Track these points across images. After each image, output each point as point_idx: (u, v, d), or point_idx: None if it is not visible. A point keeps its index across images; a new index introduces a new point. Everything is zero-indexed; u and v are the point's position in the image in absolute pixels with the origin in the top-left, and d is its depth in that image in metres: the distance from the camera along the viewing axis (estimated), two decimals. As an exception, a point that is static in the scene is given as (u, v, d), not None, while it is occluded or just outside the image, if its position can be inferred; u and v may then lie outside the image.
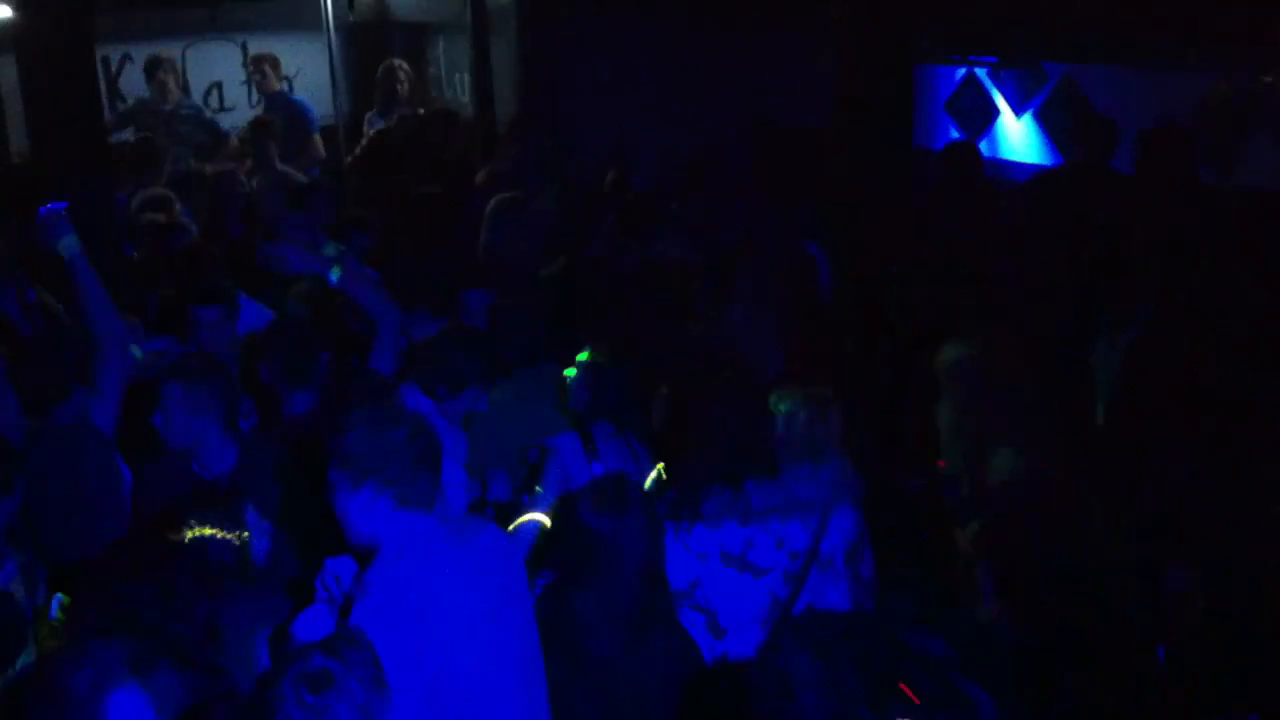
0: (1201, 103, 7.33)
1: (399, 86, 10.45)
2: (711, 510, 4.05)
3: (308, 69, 11.51)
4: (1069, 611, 3.69)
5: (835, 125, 8.57)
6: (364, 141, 10.02)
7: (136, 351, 5.20)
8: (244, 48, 11.50)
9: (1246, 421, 4.61)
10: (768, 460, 4.15)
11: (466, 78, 11.00)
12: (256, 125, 9.60)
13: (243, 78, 11.49)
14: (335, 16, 10.84)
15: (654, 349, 5.56)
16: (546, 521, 4.48)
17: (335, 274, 5.22)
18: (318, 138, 10.52)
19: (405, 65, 10.67)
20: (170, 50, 10.92)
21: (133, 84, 11.01)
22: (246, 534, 3.61)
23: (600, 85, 9.91)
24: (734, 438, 4.14)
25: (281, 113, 10.26)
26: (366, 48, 11.67)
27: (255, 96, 11.40)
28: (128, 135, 10.08)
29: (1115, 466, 4.54)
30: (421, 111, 10.55)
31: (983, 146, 8.20)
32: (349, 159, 10.08)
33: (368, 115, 10.72)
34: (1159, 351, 5.17)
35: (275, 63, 10.81)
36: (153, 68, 10.40)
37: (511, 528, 4.48)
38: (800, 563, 4.06)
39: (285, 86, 11.21)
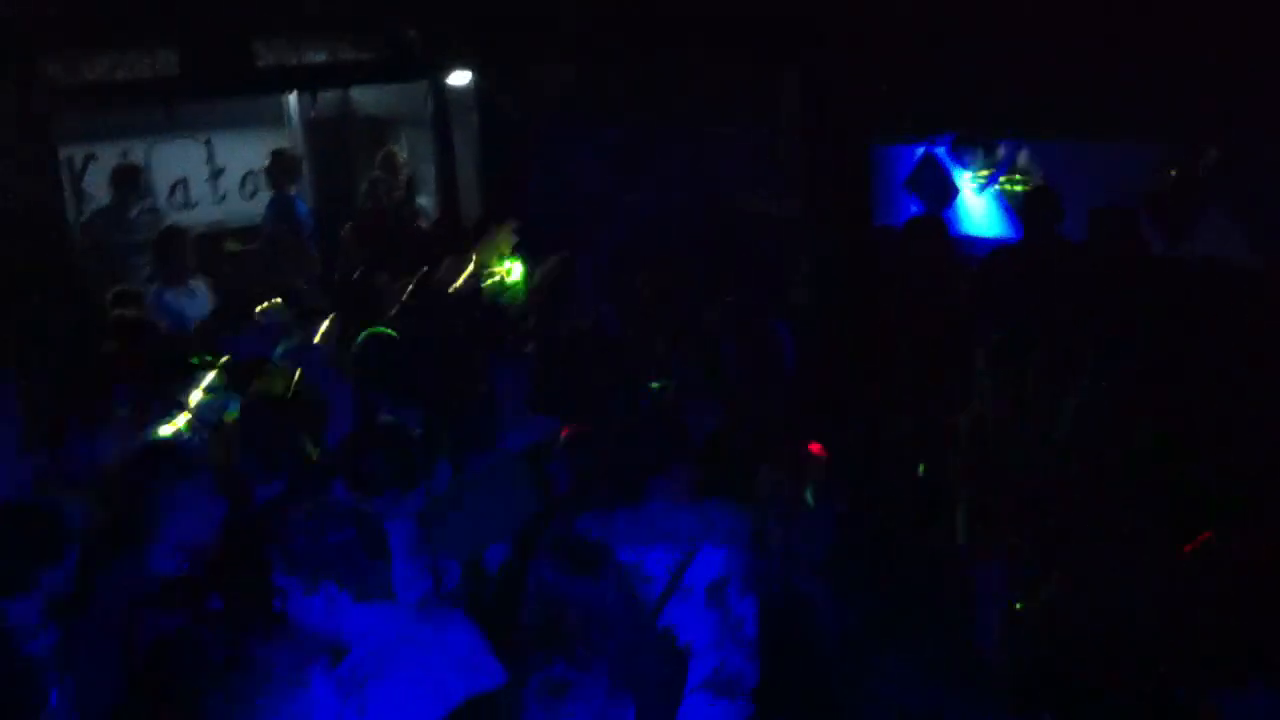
0: (1154, 175, 7.50)
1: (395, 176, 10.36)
2: (582, 529, 4.34)
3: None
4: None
5: (800, 206, 8.74)
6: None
7: None
8: (208, 144, 11.57)
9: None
10: (639, 494, 4.43)
11: (430, 170, 11.08)
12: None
13: (206, 175, 11.54)
14: (298, 113, 10.96)
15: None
16: None
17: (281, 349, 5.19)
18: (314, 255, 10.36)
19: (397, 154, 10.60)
20: (134, 148, 10.97)
21: (98, 182, 11.03)
22: None
23: (562, 178, 10.01)
24: (614, 474, 4.48)
25: (288, 216, 10.12)
26: (328, 142, 11.76)
27: (220, 192, 11.45)
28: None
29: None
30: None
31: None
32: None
33: (364, 192, 10.73)
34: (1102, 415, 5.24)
35: (293, 166, 10.46)
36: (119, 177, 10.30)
37: None
38: (657, 589, 4.26)
39: (219, 184, 11.19)
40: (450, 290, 7.84)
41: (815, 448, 4.79)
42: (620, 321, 7.08)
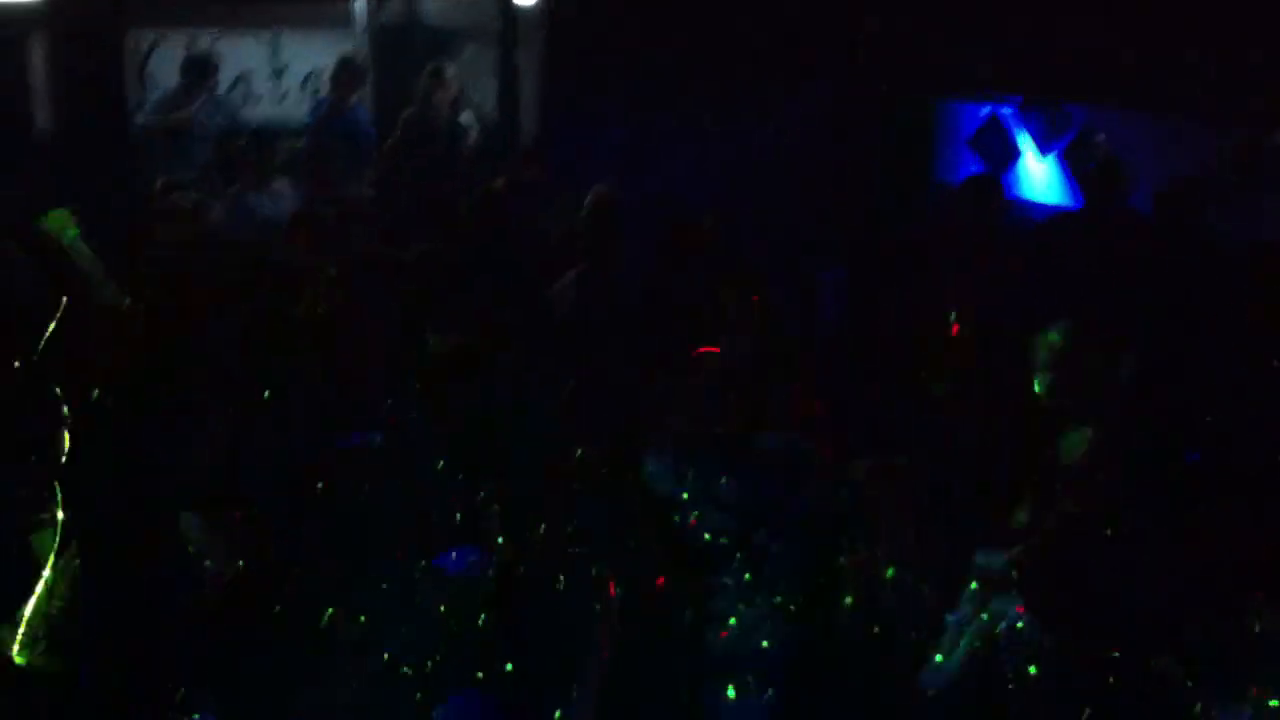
0: (1217, 154, 7.38)
1: (439, 93, 10.20)
2: None
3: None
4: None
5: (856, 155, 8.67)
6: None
7: None
8: (273, 41, 11.54)
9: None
10: None
11: (492, 84, 11.02)
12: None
13: (269, 72, 11.51)
14: (366, 16, 10.89)
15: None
16: None
17: None
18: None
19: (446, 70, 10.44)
20: (200, 38, 10.95)
21: (162, 71, 11.04)
22: None
23: (623, 103, 9.94)
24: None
25: (349, 129, 9.93)
26: (393, 50, 11.69)
27: (282, 90, 11.42)
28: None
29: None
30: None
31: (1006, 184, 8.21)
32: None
33: (405, 116, 10.67)
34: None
35: (358, 75, 10.22)
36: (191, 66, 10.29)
37: None
38: None
39: (282, 82, 11.18)
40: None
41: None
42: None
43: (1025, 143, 8.58)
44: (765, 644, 4.23)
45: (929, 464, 4.73)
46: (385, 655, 3.63)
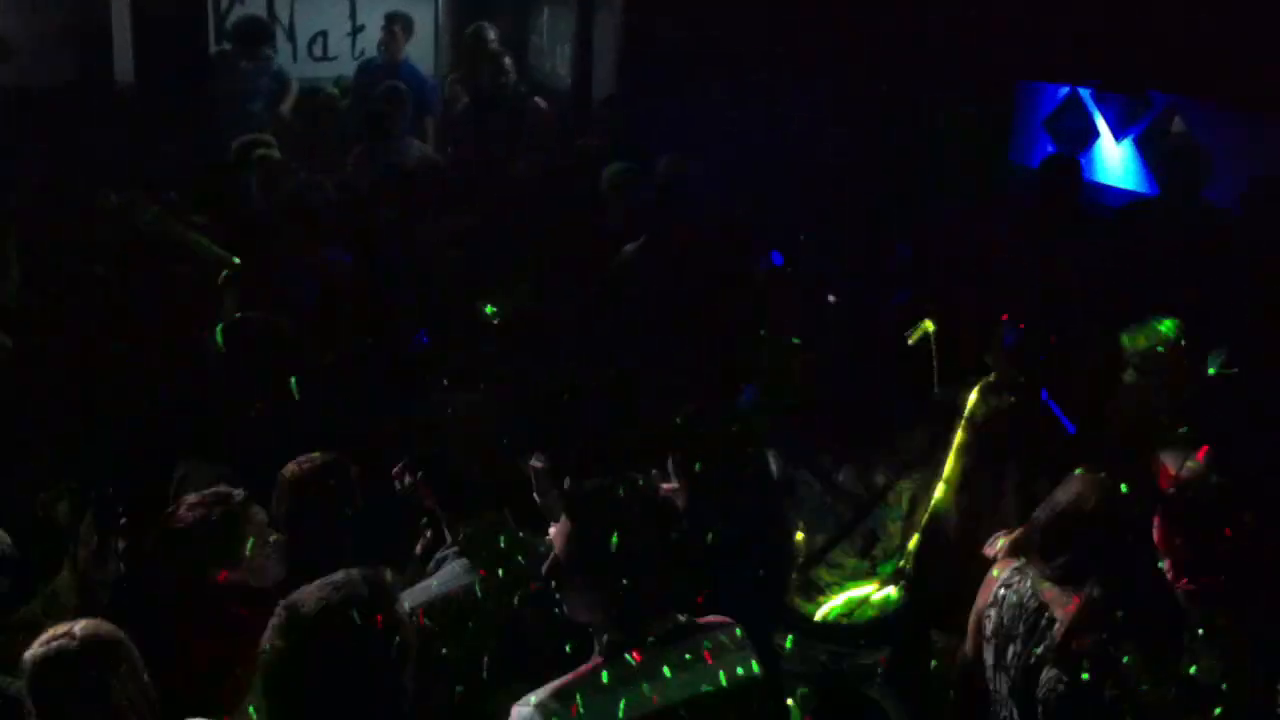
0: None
1: (486, 49, 10.14)
2: None
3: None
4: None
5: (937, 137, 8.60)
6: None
7: None
8: (353, 2, 11.64)
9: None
10: None
11: (567, 50, 11.05)
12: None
13: (347, 30, 11.61)
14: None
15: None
16: None
17: None
18: (431, 122, 10.14)
19: (493, 30, 10.45)
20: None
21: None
22: None
23: (697, 72, 9.92)
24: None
25: (404, 82, 9.86)
26: (471, 10, 11.74)
27: (358, 49, 11.51)
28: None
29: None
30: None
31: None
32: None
33: (449, 78, 10.72)
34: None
35: (408, 25, 10.32)
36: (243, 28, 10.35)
37: None
38: None
39: (357, 40, 11.26)
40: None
41: None
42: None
43: (1102, 125, 8.50)
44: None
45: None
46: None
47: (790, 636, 4.48)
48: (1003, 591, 3.71)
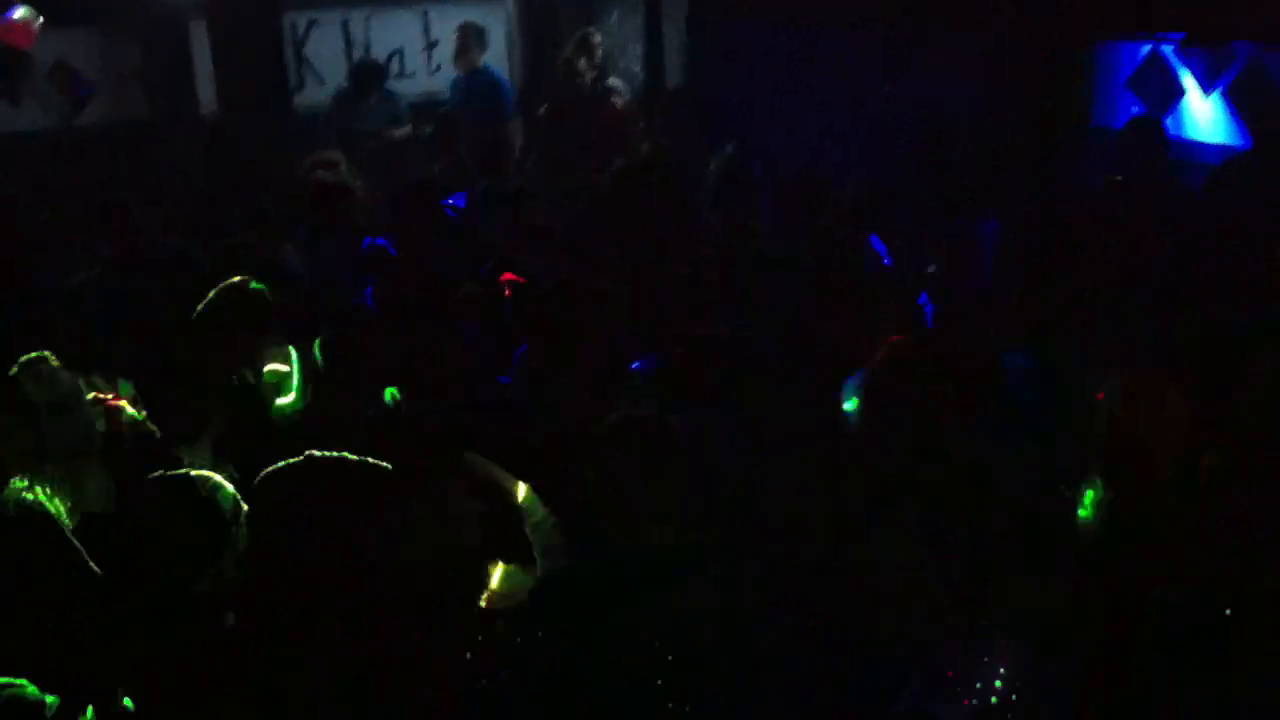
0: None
1: (587, 59, 10.14)
2: None
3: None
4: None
5: (1011, 103, 8.42)
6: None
7: None
8: (425, 16, 11.75)
9: None
10: None
11: (638, 49, 11.04)
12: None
13: (422, 45, 11.73)
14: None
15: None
16: None
17: None
18: (513, 125, 10.18)
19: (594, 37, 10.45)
20: (354, 16, 11.24)
21: (318, 49, 11.34)
22: None
23: (769, 64, 9.85)
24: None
25: (481, 91, 10.09)
26: (539, 18, 11.80)
27: (434, 64, 11.62)
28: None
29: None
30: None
31: (1168, 125, 7.92)
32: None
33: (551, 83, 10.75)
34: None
35: (479, 35, 10.36)
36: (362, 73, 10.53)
37: None
38: None
39: (432, 56, 11.38)
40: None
41: None
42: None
43: (1188, 81, 8.26)
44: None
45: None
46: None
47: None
48: None
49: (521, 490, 4.05)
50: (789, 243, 6.70)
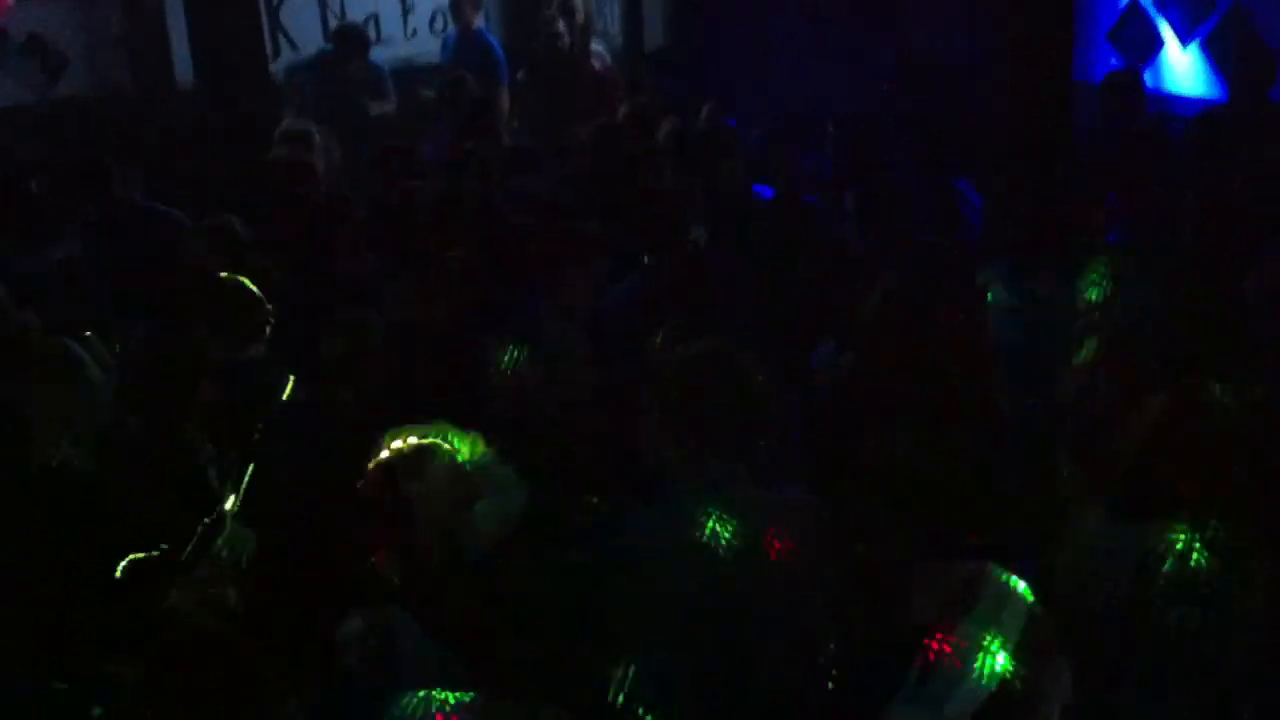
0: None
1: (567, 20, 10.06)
2: None
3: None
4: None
5: (991, 57, 8.39)
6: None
7: None
8: (403, -21, 11.64)
9: None
10: None
11: (616, 9, 10.98)
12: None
13: (399, 10, 11.62)
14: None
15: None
16: None
17: None
18: (505, 91, 10.07)
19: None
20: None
21: (293, 15, 11.23)
22: None
23: (747, 17, 9.82)
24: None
25: (476, 55, 9.95)
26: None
27: (410, 29, 11.52)
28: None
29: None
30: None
31: (1146, 78, 7.93)
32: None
33: (530, 47, 10.70)
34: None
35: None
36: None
37: None
38: None
39: (410, 20, 11.25)
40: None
41: None
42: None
43: (1167, 32, 8.27)
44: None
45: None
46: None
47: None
48: None
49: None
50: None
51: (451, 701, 2.51)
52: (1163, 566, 3.17)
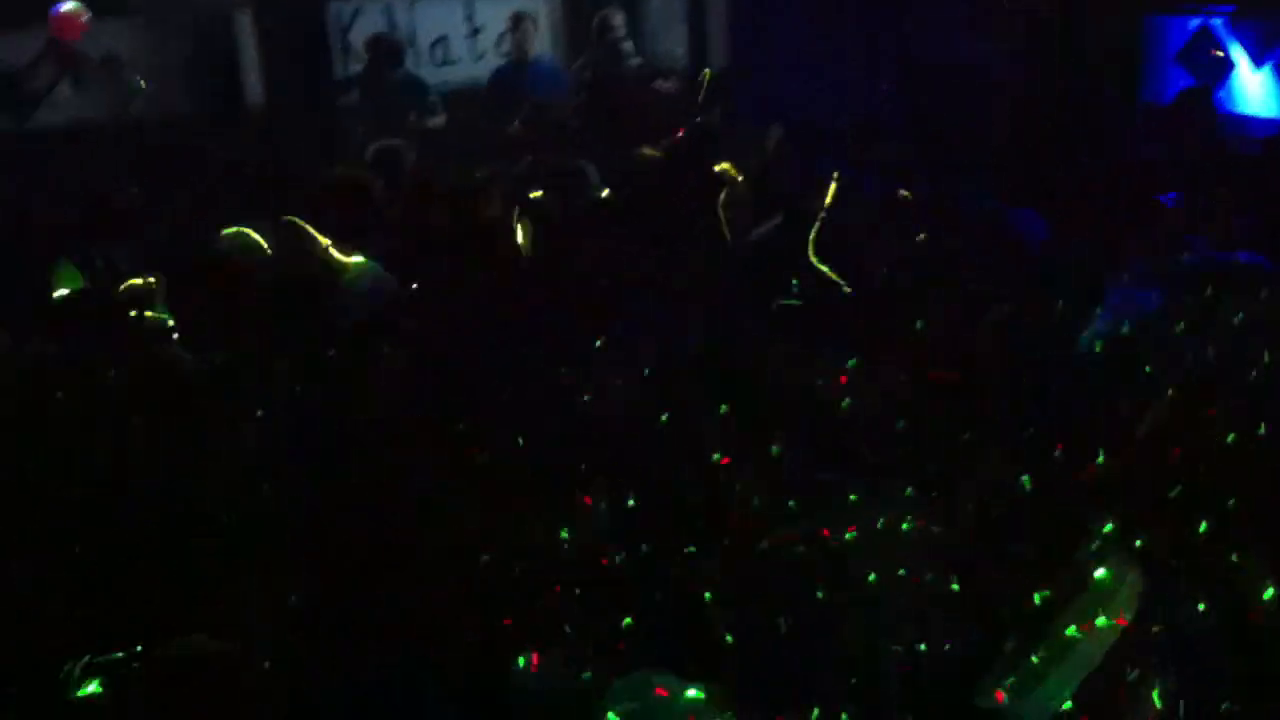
0: None
1: (610, 36, 10.24)
2: None
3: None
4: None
5: (1060, 78, 8.36)
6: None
7: None
8: (468, 3, 11.77)
9: None
10: None
11: (683, 30, 11.03)
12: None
13: (466, 32, 11.74)
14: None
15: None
16: None
17: None
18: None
19: (619, 15, 10.48)
20: (399, 5, 11.29)
21: (363, 37, 11.37)
22: None
23: (809, 37, 9.80)
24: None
25: (544, 77, 10.12)
26: (584, 3, 11.78)
27: (479, 51, 11.63)
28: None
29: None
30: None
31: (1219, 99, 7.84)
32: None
33: (575, 66, 10.77)
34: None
35: (536, 21, 10.48)
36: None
37: None
38: None
39: (477, 42, 11.40)
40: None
41: None
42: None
43: (1238, 54, 8.16)
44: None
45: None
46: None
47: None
48: None
49: None
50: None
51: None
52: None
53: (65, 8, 9.01)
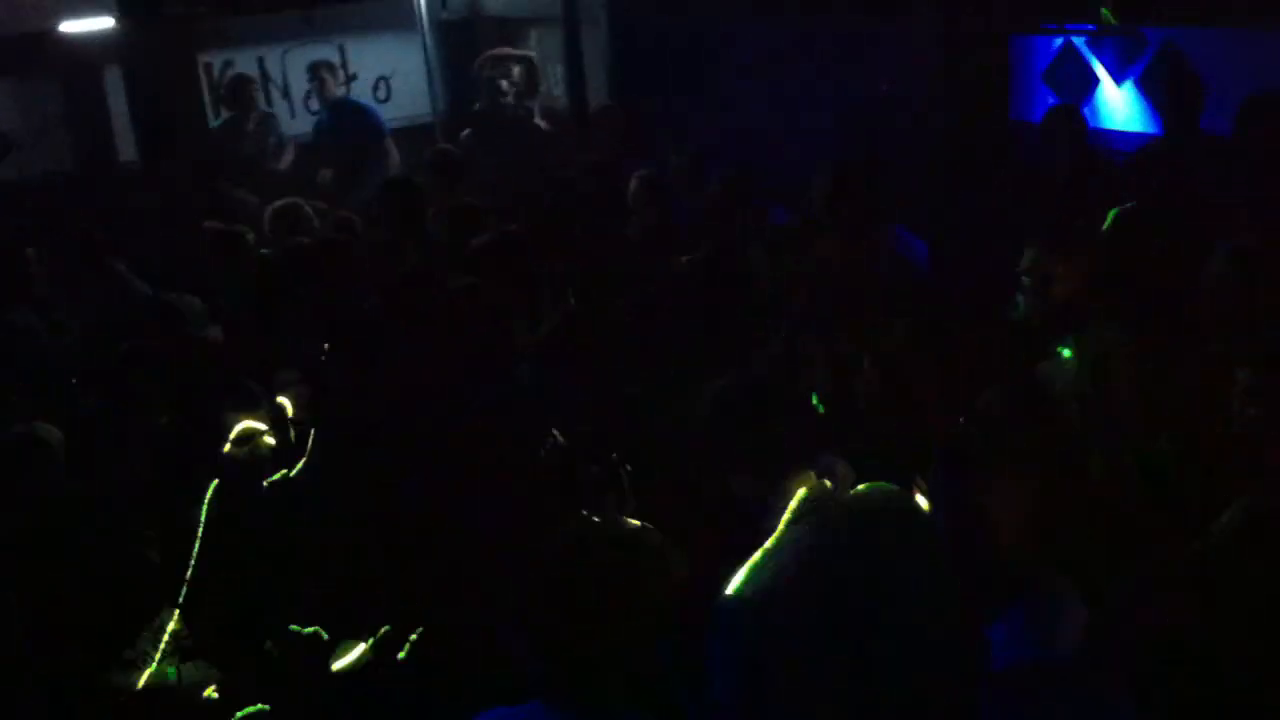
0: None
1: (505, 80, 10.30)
2: None
3: (402, 69, 11.77)
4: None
5: (932, 101, 8.51)
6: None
7: None
8: (341, 49, 11.71)
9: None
10: None
11: (560, 70, 11.07)
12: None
13: (340, 80, 11.66)
14: (428, 15, 11.01)
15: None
16: None
17: None
18: (389, 141, 10.47)
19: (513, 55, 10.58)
20: (270, 54, 11.21)
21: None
22: None
23: (691, 76, 9.90)
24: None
25: (348, 119, 10.42)
26: (459, 45, 11.80)
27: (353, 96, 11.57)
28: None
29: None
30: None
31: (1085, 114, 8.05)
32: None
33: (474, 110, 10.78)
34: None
35: (332, 69, 10.86)
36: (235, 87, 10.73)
37: None
38: None
39: (352, 89, 11.51)
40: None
41: None
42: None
43: (1101, 71, 8.40)
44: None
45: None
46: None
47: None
48: None
49: None
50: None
51: None
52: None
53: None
